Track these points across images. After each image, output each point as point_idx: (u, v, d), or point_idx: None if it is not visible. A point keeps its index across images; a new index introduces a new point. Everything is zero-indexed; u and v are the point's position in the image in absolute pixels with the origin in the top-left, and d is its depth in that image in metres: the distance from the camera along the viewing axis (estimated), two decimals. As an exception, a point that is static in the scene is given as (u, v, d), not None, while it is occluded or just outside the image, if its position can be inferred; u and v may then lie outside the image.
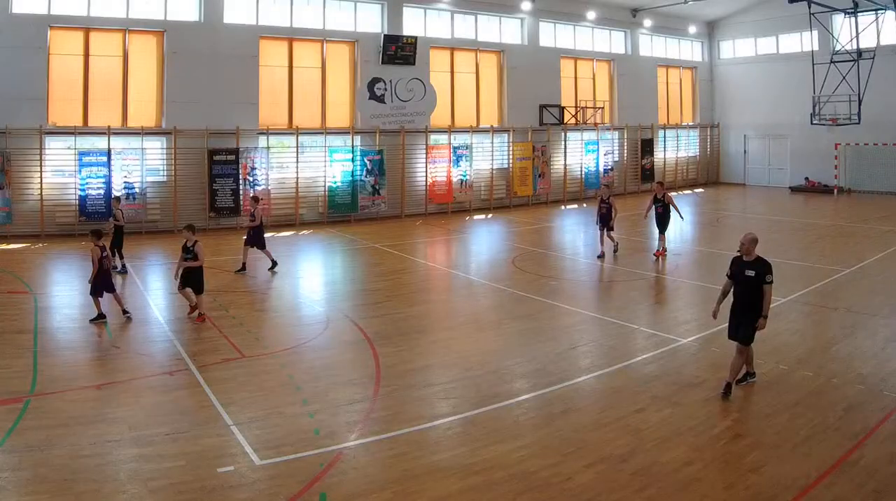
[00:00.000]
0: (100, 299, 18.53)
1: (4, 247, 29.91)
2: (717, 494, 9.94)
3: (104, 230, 20.68)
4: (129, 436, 11.56)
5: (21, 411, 12.48)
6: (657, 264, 26.43)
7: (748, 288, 13.21)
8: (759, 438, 11.74)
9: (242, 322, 18.54)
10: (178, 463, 10.66)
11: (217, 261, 26.29)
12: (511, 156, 45.42)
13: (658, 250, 27.42)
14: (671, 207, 27.07)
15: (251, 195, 30.70)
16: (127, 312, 18.84)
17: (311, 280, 25.33)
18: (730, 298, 13.74)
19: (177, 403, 13.13)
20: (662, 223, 27.34)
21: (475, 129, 44.44)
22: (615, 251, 27.44)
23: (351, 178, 39.68)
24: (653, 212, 27.77)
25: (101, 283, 18.53)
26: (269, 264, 25.53)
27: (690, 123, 57.15)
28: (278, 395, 13.49)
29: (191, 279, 19.19)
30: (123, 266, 25.15)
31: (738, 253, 13.50)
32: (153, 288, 22.60)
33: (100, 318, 18.35)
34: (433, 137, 42.78)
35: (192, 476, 10.28)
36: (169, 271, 23.38)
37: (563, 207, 45.33)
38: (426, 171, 42.35)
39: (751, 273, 13.14)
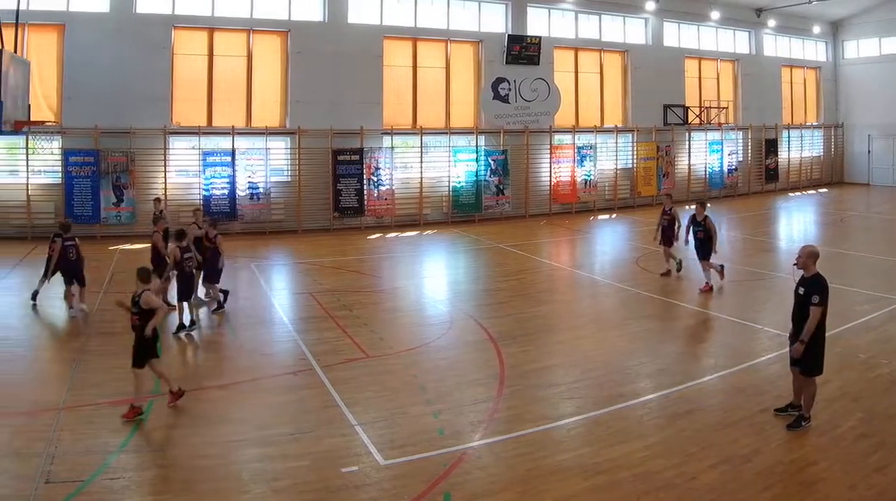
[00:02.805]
0: (183, 305, 16.64)
1: (129, 246, 27.24)
2: (840, 494, 9.20)
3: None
4: (252, 436, 10.86)
5: (145, 411, 11.60)
6: (780, 264, 23.46)
7: (799, 306, 11.15)
8: (884, 438, 10.73)
9: (367, 322, 17.24)
10: (302, 463, 9.98)
11: (342, 261, 24.55)
12: (635, 156, 41.01)
13: (705, 284, 20.74)
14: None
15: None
16: (193, 324, 16.75)
17: (435, 280, 23.26)
18: None
19: (301, 403, 12.26)
20: (703, 249, 20.69)
21: (599, 129, 40.18)
22: (678, 270, 22.22)
23: (475, 178, 35.83)
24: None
25: (185, 288, 16.57)
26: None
27: (814, 123, 51.05)
28: (402, 395, 12.57)
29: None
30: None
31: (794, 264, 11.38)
32: (277, 289, 20.96)
33: (181, 329, 16.35)
34: (557, 137, 38.65)
35: (315, 476, 9.64)
36: (289, 271, 22.32)
37: (687, 207, 39.14)
38: (550, 171, 38.21)
39: (801, 290, 11.13)
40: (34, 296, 18.42)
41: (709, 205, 21.38)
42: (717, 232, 20.64)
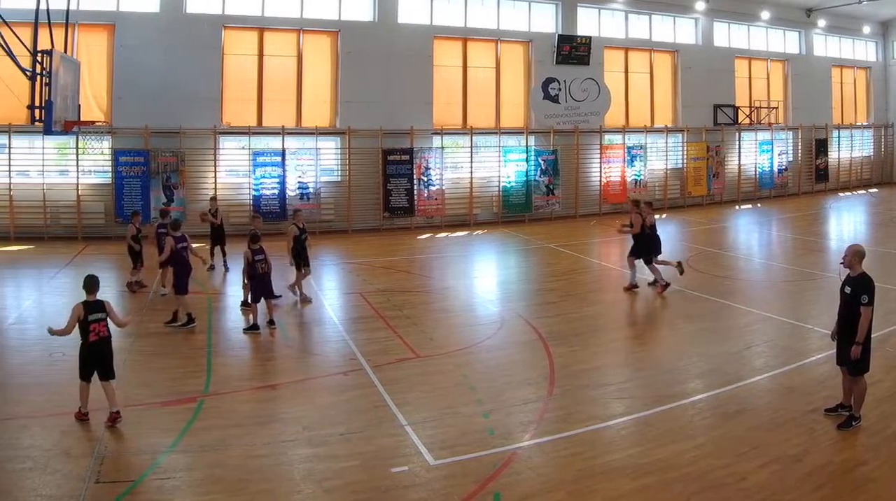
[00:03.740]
0: (257, 306, 15.91)
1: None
2: (891, 494, 8.67)
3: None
4: (303, 436, 10.39)
5: (195, 411, 11.20)
6: (830, 264, 21.54)
7: (846, 306, 10.54)
8: (938, 439, 9.92)
9: (417, 322, 16.46)
10: (353, 463, 9.53)
11: (392, 261, 23.57)
12: (685, 156, 38.74)
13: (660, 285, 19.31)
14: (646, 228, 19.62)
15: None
16: (273, 323, 15.93)
17: (485, 280, 22.09)
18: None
19: (351, 403, 11.73)
20: (645, 250, 19.47)
21: (649, 129, 37.87)
22: (681, 272, 19.93)
23: (525, 178, 33.94)
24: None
25: (259, 289, 15.78)
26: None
27: (864, 123, 48.10)
28: (452, 395, 12.03)
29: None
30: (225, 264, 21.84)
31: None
32: (328, 289, 19.99)
33: (253, 329, 15.58)
34: (607, 137, 36.58)
35: (366, 476, 9.19)
36: (339, 271, 21.75)
37: (737, 207, 38.77)
38: (600, 171, 36.13)
39: (847, 289, 10.52)
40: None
41: (643, 203, 19.90)
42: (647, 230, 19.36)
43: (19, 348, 14.28)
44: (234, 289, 19.56)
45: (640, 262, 19.50)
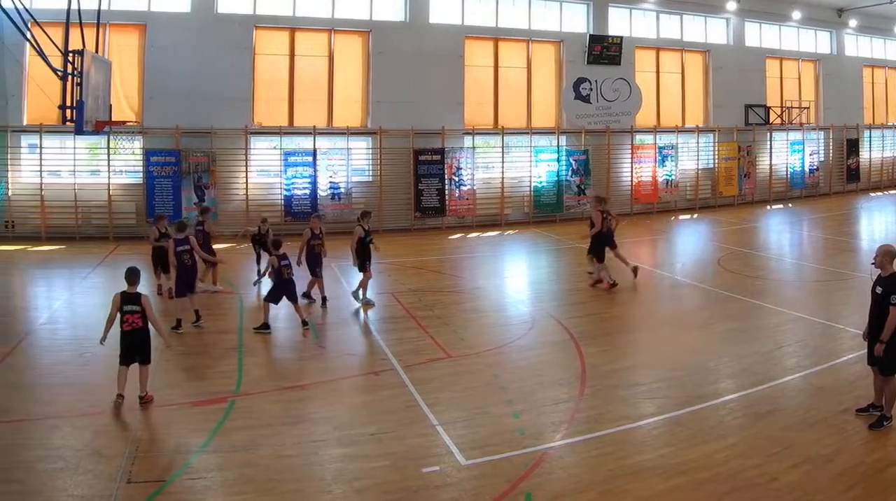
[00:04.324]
0: (270, 305, 15.23)
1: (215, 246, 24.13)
2: None
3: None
4: (334, 436, 10.05)
5: (226, 411, 10.86)
6: (861, 264, 20.25)
7: (876, 306, 10.08)
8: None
9: (448, 322, 15.95)
10: (383, 463, 9.23)
11: (423, 261, 22.90)
12: (716, 156, 37.11)
13: (598, 281, 19.32)
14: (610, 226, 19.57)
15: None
16: (306, 323, 15.39)
17: (516, 280, 21.29)
18: None
19: (382, 403, 11.35)
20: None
21: (680, 129, 36.30)
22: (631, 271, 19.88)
23: (556, 178, 32.55)
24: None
25: (281, 291, 15.19)
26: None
27: (896, 123, 46.12)
28: (483, 395, 11.62)
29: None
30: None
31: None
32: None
33: (264, 328, 14.99)
34: (638, 137, 34.94)
35: (397, 476, 8.90)
36: (374, 271, 19.61)
37: (768, 207, 37.31)
38: (631, 171, 34.61)
39: (878, 289, 10.07)
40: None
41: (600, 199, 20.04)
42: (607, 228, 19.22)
43: (50, 348, 13.88)
44: (263, 289, 18.39)
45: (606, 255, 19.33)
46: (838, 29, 42.02)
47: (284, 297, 15.17)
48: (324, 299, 17.45)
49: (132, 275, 11.10)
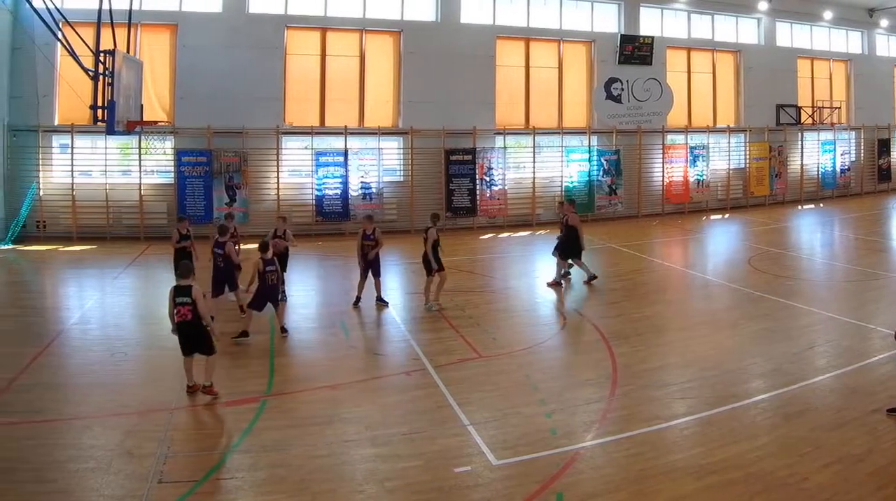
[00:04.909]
0: (252, 312, 14.04)
1: (243, 246, 23.31)
2: None
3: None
4: (365, 436, 9.73)
5: (257, 411, 10.46)
6: (893, 264, 20.75)
7: None
8: None
9: (479, 322, 15.41)
10: (415, 463, 8.93)
11: (454, 261, 21.41)
12: (748, 156, 35.57)
13: (552, 280, 18.94)
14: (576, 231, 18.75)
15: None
16: (285, 331, 14.40)
17: (547, 280, 19.42)
18: None
19: (414, 403, 10.94)
20: (564, 247, 18.96)
21: (712, 129, 34.82)
22: (565, 275, 19.44)
23: (587, 178, 31.22)
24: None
25: (266, 297, 14.00)
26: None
27: (927, 123, 44.12)
28: (515, 395, 11.16)
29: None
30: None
31: None
32: (390, 288, 18.02)
33: (243, 336, 13.81)
34: (670, 137, 33.61)
35: (428, 476, 8.61)
36: (401, 271, 20.44)
37: (799, 207, 35.91)
38: (663, 171, 33.21)
39: None
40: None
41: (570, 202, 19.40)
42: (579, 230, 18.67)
43: (82, 348, 13.48)
44: (295, 289, 18.27)
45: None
46: (870, 29, 40.31)
47: (269, 303, 14.15)
48: (357, 299, 16.57)
49: (185, 269, 10.91)
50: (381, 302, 16.48)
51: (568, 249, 18.73)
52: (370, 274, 16.30)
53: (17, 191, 24.25)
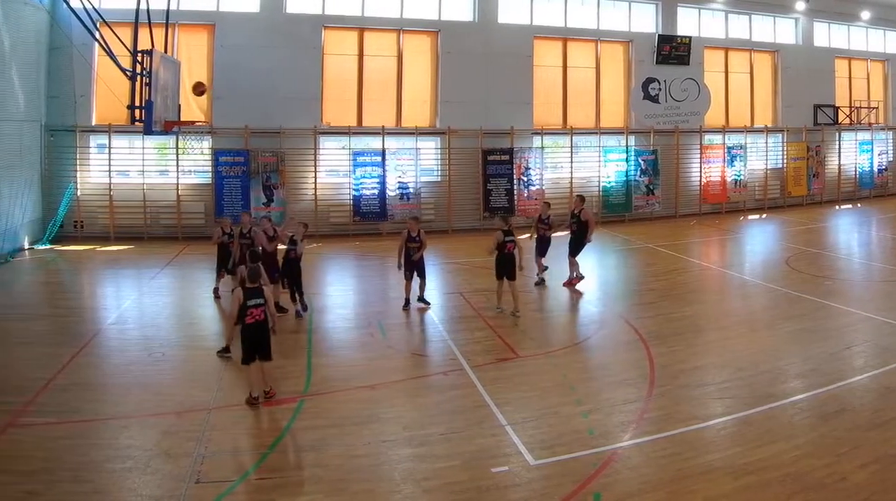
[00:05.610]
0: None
1: (281, 246, 22.50)
2: None
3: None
4: (403, 436, 9.36)
5: (295, 411, 10.10)
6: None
7: None
8: None
9: (516, 322, 14.73)
10: (453, 463, 8.60)
11: (491, 261, 19.62)
12: (785, 156, 33.90)
13: (569, 279, 17.92)
14: (588, 226, 17.93)
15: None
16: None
17: (584, 280, 18.64)
18: None
19: (451, 403, 10.49)
20: (575, 244, 17.96)
21: (749, 129, 33.14)
22: (541, 282, 18.31)
23: (625, 178, 29.74)
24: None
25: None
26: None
27: (965, 123, 41.97)
28: (552, 395, 10.68)
29: None
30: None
31: None
32: (427, 288, 16.67)
33: (225, 352, 12.51)
34: (707, 137, 31.87)
35: (466, 476, 8.29)
36: (439, 271, 19.45)
37: (837, 207, 34.18)
38: (700, 171, 31.61)
39: None
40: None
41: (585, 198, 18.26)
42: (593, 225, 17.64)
43: (119, 348, 12.98)
44: (333, 289, 18.24)
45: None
46: (907, 28, 38.20)
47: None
48: (406, 301, 15.66)
49: (252, 273, 10.42)
50: (424, 303, 15.60)
51: (575, 246, 17.85)
52: (415, 274, 15.43)
53: (55, 191, 23.29)
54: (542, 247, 17.95)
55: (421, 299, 15.54)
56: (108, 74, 19.95)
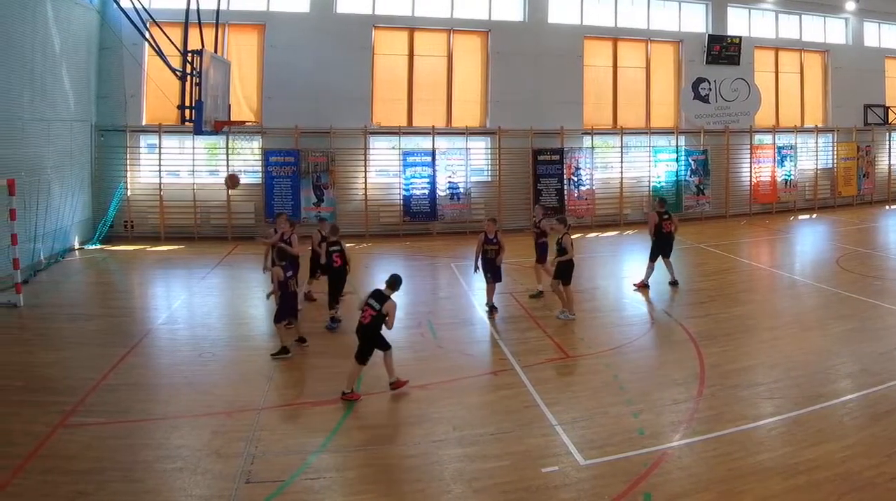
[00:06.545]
0: (287, 327, 12.22)
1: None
2: None
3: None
4: (453, 436, 8.96)
5: (345, 411, 9.63)
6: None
7: None
8: None
9: (566, 322, 13.88)
10: (503, 463, 8.24)
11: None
12: (835, 157, 31.67)
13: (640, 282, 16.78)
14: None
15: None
16: (304, 341, 12.49)
17: (635, 280, 17.76)
18: None
19: (501, 403, 9.99)
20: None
21: (799, 129, 30.91)
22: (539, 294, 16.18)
23: (675, 178, 27.75)
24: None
25: (287, 309, 12.18)
26: None
27: None
28: (602, 395, 10.18)
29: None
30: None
31: None
32: (477, 288, 16.28)
33: (283, 353, 11.83)
34: (757, 137, 29.88)
35: (516, 476, 7.94)
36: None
37: (887, 207, 32.00)
38: (750, 171, 29.57)
39: None
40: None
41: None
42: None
43: (169, 348, 12.51)
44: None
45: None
46: (958, 28, 35.60)
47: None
48: (491, 308, 14.49)
49: (395, 280, 10.20)
50: (491, 308, 14.45)
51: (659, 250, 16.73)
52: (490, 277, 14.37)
53: (105, 191, 22.08)
54: (540, 254, 16.23)
55: (488, 304, 14.40)
56: (159, 74, 18.90)
